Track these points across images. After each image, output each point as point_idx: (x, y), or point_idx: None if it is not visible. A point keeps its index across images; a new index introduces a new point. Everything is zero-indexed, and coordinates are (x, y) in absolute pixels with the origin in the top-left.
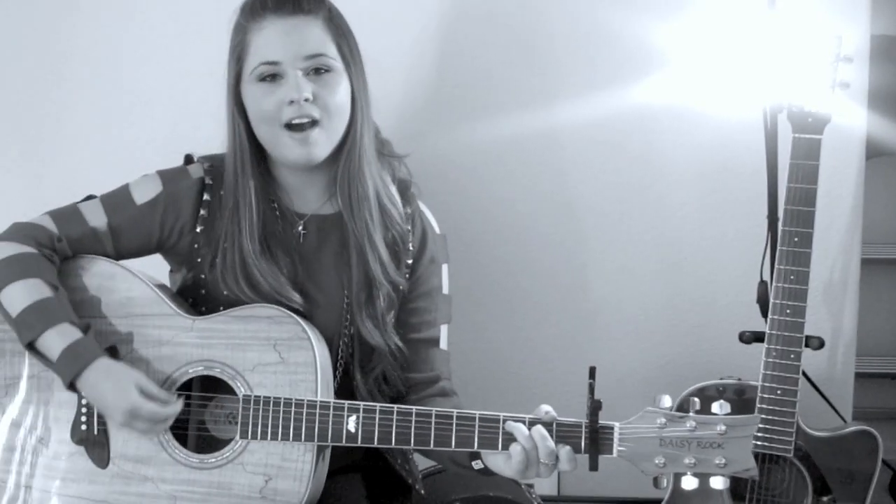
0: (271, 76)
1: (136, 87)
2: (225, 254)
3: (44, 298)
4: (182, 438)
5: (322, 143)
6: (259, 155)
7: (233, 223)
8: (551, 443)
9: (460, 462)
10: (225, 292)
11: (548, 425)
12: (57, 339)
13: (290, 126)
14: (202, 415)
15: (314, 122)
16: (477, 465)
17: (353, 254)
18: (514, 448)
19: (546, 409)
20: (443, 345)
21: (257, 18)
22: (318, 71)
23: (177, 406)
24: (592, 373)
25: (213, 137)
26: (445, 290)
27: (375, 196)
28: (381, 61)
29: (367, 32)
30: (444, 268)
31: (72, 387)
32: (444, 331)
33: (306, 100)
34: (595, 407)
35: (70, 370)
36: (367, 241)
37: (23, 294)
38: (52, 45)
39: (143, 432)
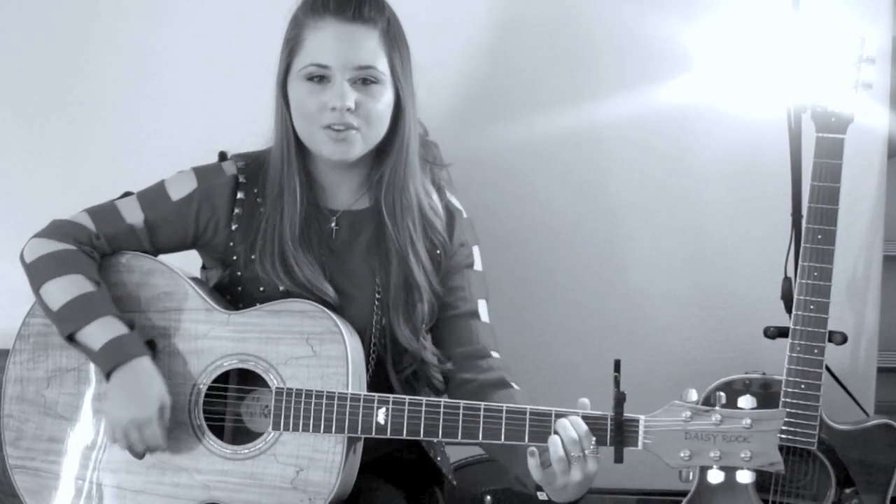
0: (319, 77)
1: (173, 84)
2: (265, 237)
3: (86, 293)
4: (217, 430)
5: (357, 144)
6: (300, 147)
7: (275, 209)
8: (573, 433)
9: (528, 487)
10: (262, 275)
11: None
12: (100, 330)
13: (328, 127)
14: (239, 407)
15: (352, 128)
16: (542, 496)
17: (393, 258)
18: (531, 462)
19: (583, 402)
20: (484, 318)
21: (316, 17)
22: (364, 81)
23: (164, 447)
24: (617, 366)
25: (247, 135)
26: (478, 267)
27: (418, 207)
28: (422, 62)
29: (407, 34)
30: (476, 249)
31: (108, 377)
32: (483, 305)
33: (348, 109)
34: (620, 399)
35: (111, 360)
36: (410, 250)
37: (64, 290)
38: (89, 43)
39: (127, 446)
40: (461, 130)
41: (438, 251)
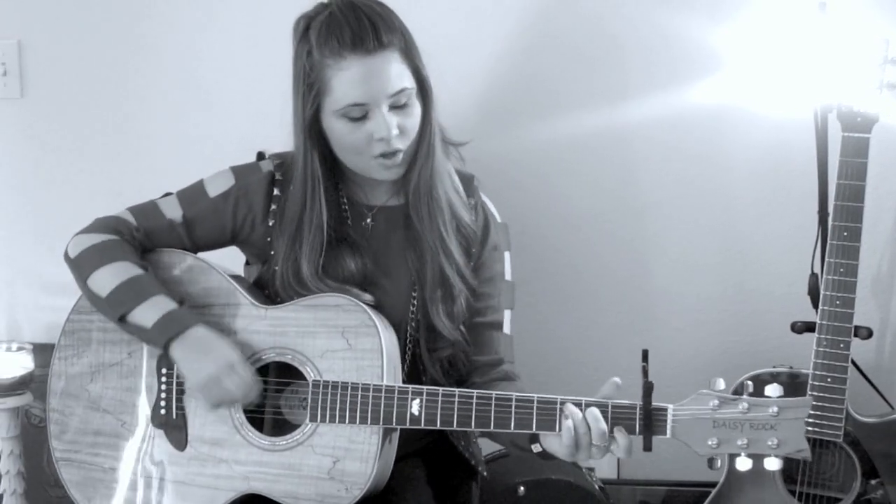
0: (358, 115)
1: (212, 87)
2: (283, 279)
3: (134, 276)
4: (256, 423)
5: (404, 163)
6: (328, 155)
7: (294, 243)
8: (604, 425)
9: (521, 445)
10: (286, 299)
11: (602, 408)
12: (151, 309)
13: (379, 156)
14: (278, 400)
15: (399, 151)
16: (536, 448)
17: (427, 255)
18: (565, 424)
19: (616, 381)
20: (506, 329)
21: (335, 57)
22: (398, 104)
23: (259, 387)
24: (645, 356)
25: (286, 136)
26: (508, 276)
27: (448, 205)
28: (451, 63)
29: (437, 34)
30: (507, 255)
31: (165, 350)
32: (507, 316)
33: (395, 135)
34: (648, 388)
35: (165, 333)
36: (441, 251)
37: (111, 276)
38: (130, 47)
39: (225, 395)
40: (489, 132)
41: (470, 245)
